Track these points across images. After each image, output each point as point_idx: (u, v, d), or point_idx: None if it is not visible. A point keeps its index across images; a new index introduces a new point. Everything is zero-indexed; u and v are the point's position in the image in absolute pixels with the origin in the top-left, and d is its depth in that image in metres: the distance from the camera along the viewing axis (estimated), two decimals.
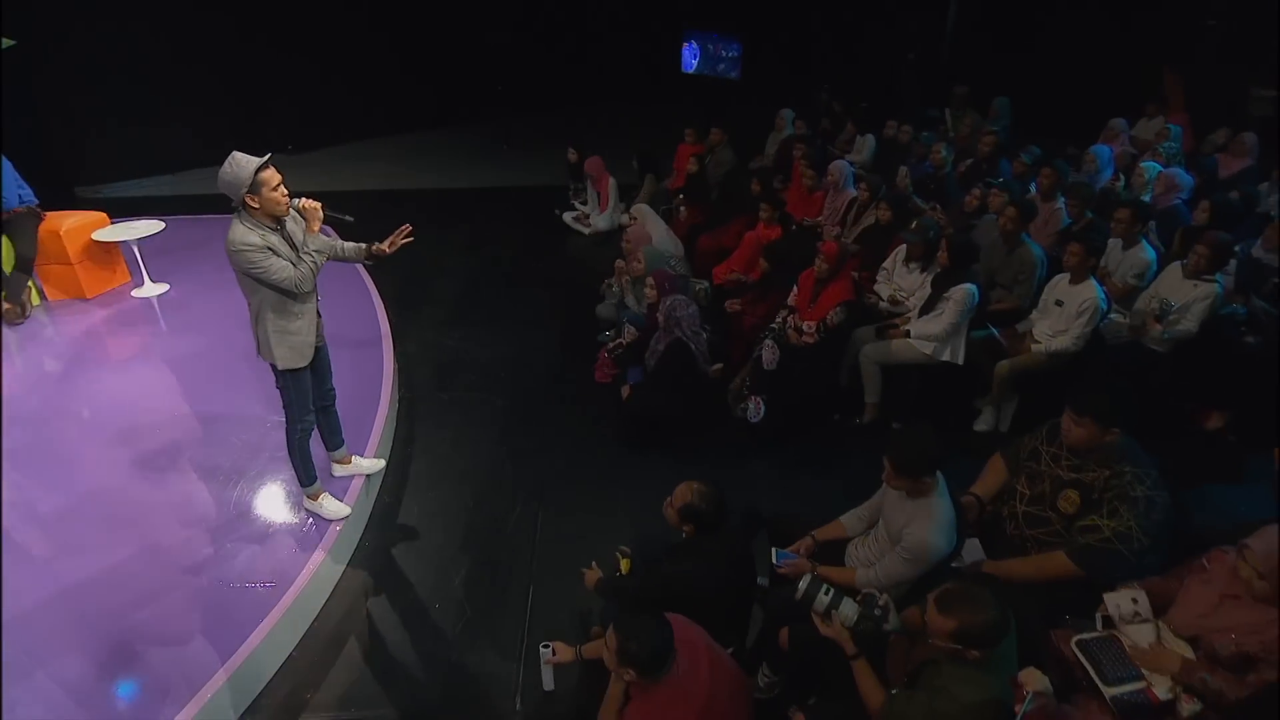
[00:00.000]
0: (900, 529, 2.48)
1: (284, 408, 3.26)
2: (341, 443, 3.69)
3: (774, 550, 2.78)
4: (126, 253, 5.93)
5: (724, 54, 9.20)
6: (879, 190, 5.30)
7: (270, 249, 2.86)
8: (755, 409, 4.19)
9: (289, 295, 2.97)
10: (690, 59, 9.37)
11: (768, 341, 4.25)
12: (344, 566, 3.44)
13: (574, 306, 5.77)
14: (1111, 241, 4.48)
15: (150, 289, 5.88)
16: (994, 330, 4.30)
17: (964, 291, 4.01)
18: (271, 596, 3.05)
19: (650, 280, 4.70)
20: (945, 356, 4.15)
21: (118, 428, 4.24)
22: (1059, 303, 4.07)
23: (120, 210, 7.87)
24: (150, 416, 4.33)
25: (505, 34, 10.85)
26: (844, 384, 4.50)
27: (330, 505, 3.47)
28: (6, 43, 7.53)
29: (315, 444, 3.45)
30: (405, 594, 3.34)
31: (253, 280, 2.90)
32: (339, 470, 3.71)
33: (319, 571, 3.24)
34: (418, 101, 11.27)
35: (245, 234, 2.82)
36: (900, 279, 4.64)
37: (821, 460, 4.19)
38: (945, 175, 5.84)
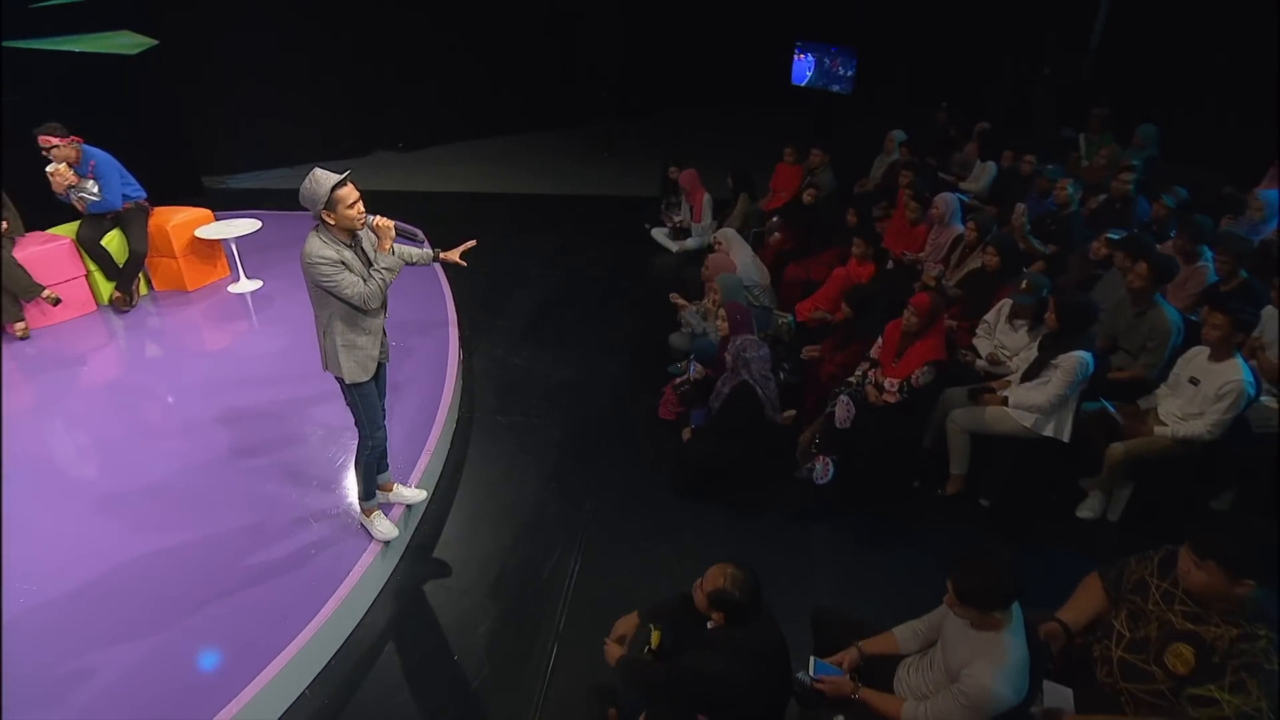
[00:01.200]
0: (960, 665, 2.10)
1: (355, 424, 3.28)
2: (386, 468, 3.62)
3: (813, 660, 2.44)
4: (226, 249, 6.17)
5: (841, 70, 8.68)
6: (989, 230, 4.77)
7: (344, 264, 2.90)
8: (823, 470, 3.82)
9: (358, 310, 2.99)
10: (803, 71, 8.91)
11: (843, 397, 3.86)
12: (373, 597, 3.37)
13: (649, 332, 5.53)
14: (1268, 311, 3.81)
15: (245, 285, 6.10)
16: (1110, 405, 3.74)
17: (1075, 360, 3.50)
18: (294, 625, 3.00)
19: (722, 313, 4.42)
20: (1048, 431, 3.64)
21: (199, 416, 4.45)
22: (1194, 380, 3.49)
23: (239, 201, 8.34)
24: (231, 408, 4.51)
25: (614, 39, 10.72)
26: (928, 448, 4.05)
27: (381, 525, 3.44)
28: (148, 43, 8.09)
29: None
30: (427, 638, 3.21)
31: (323, 293, 2.94)
32: (381, 496, 3.64)
33: (348, 599, 3.17)
34: (526, 104, 11.35)
35: (321, 247, 2.86)
36: (1003, 336, 4.13)
37: (893, 533, 3.78)
38: (1070, 215, 5.21)
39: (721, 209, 7.22)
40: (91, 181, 5.51)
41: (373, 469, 3.39)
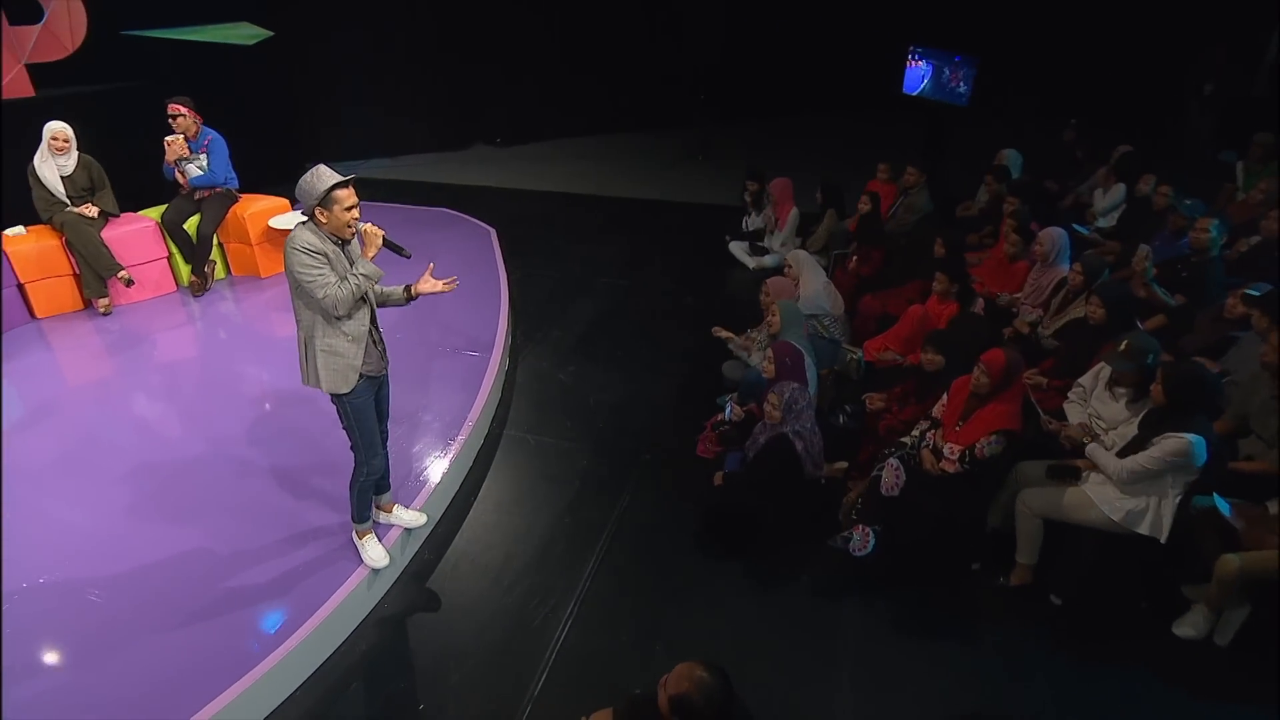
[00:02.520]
0: None
1: (351, 448, 3.12)
2: (387, 488, 3.47)
3: None
4: None
5: (959, 85, 7.91)
6: (1097, 274, 4.07)
7: (327, 258, 2.74)
8: (861, 541, 3.34)
9: (338, 314, 2.80)
10: (917, 79, 8.18)
11: (892, 460, 3.37)
12: (354, 626, 3.19)
13: (706, 356, 5.13)
14: None
15: None
16: (1227, 504, 3.06)
17: (1180, 444, 2.86)
18: (264, 648, 2.86)
19: (770, 353, 3.99)
20: (1142, 528, 3.02)
21: (243, 402, 4.52)
22: None
23: None
24: (279, 396, 4.58)
25: (715, 39, 10.35)
26: (994, 527, 3.48)
27: (372, 551, 3.25)
28: (264, 34, 8.45)
29: None
30: (396, 679, 2.99)
31: (304, 297, 2.79)
32: (380, 517, 3.48)
33: (325, 624, 3.01)
34: (623, 103, 11.16)
35: (308, 235, 2.73)
36: (1100, 404, 3.49)
37: (940, 622, 3.24)
38: (1208, 261, 4.40)
39: (812, 225, 6.73)
40: (203, 156, 5.74)
41: (368, 492, 3.23)
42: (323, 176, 2.71)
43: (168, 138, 5.56)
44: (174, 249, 5.84)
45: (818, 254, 6.48)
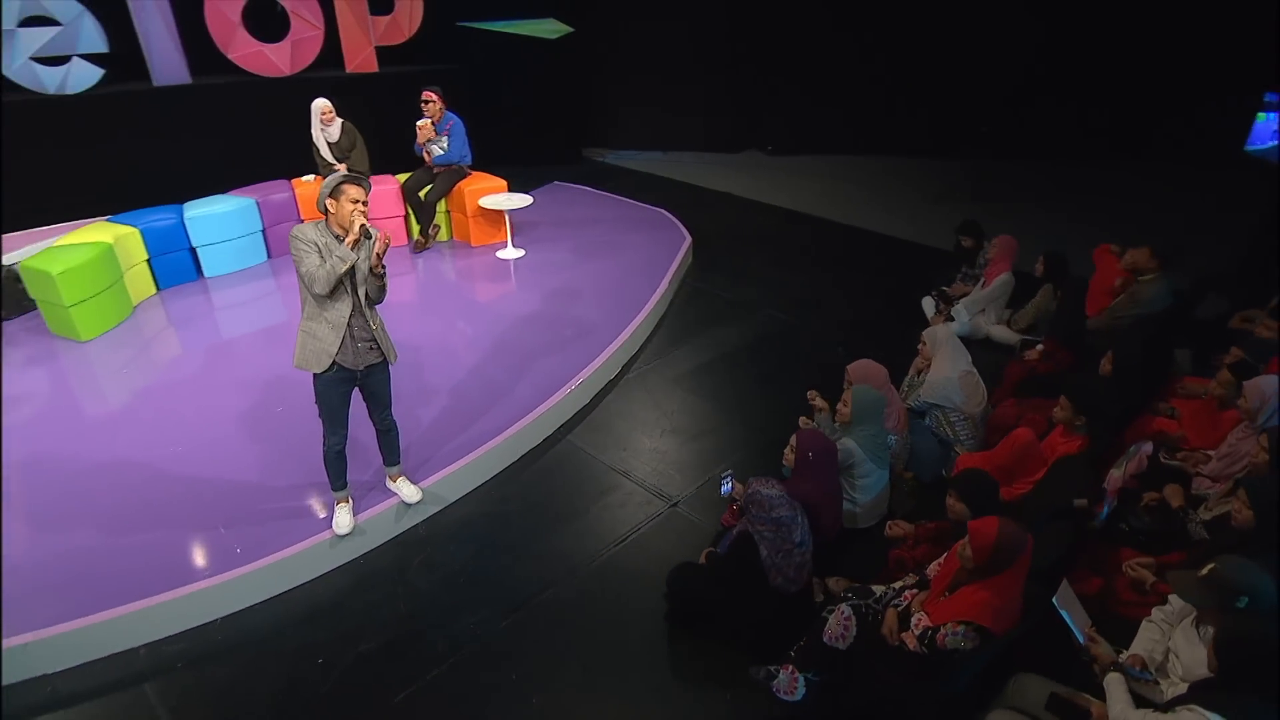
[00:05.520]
0: None
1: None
2: (396, 461, 3.82)
3: None
4: (508, 217, 6.98)
5: None
6: None
7: (318, 248, 3.09)
8: (788, 684, 2.83)
9: (314, 292, 3.11)
10: (1268, 134, 6.12)
11: (844, 608, 2.77)
12: (320, 573, 3.60)
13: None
14: None
15: (511, 252, 6.85)
16: None
17: None
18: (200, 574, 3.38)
19: (793, 440, 3.51)
20: None
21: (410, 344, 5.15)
22: None
23: (597, 175, 9.36)
24: (439, 348, 5.28)
25: (1013, 67, 8.86)
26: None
27: (339, 518, 3.61)
28: (566, 30, 9.40)
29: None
30: (336, 645, 3.25)
31: (299, 280, 3.15)
32: (388, 483, 3.86)
33: (287, 561, 3.48)
34: (900, 125, 10.19)
35: (308, 229, 3.12)
36: (1183, 641, 2.45)
37: None
38: None
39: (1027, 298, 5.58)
40: (444, 138, 6.74)
41: (335, 465, 3.53)
42: (337, 177, 3.10)
43: (419, 122, 6.55)
44: (409, 210, 6.92)
45: (1022, 333, 5.41)
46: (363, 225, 3.11)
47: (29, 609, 3.16)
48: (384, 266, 3.21)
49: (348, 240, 3.11)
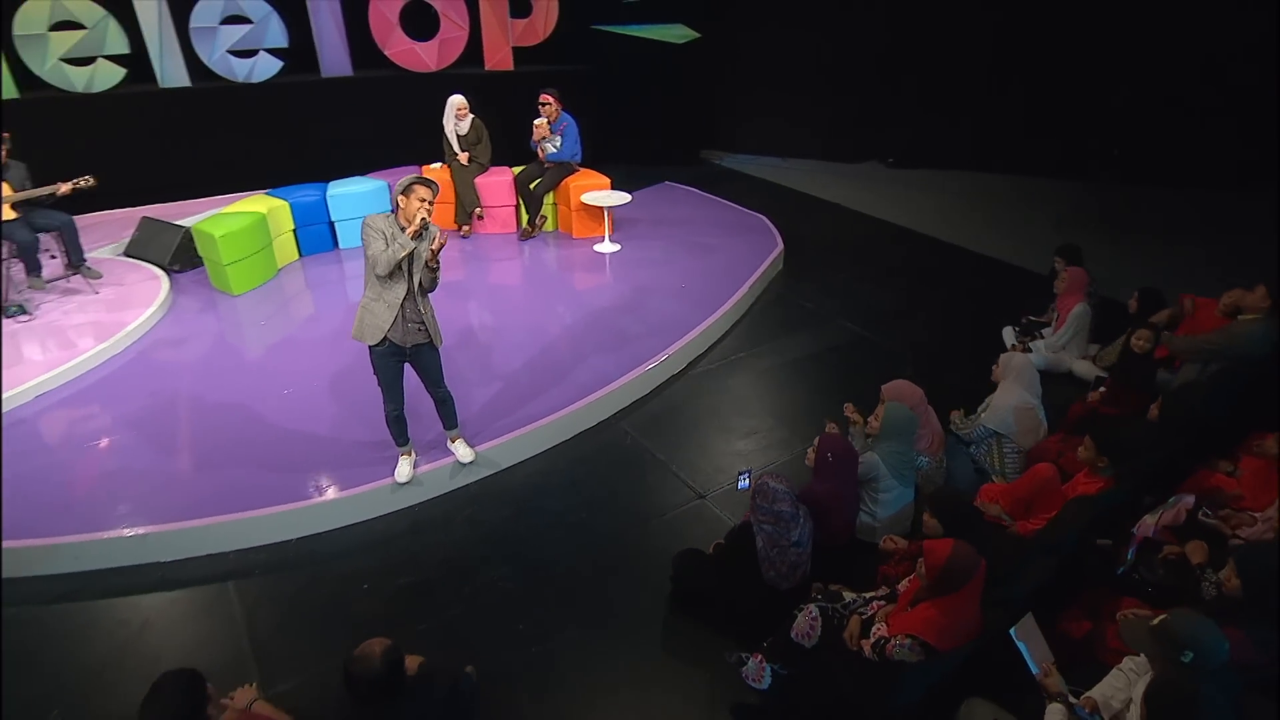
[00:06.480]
0: None
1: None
2: (454, 426, 4.29)
3: None
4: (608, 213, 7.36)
5: None
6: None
7: (384, 236, 3.53)
8: (756, 672, 3.01)
9: (376, 273, 3.55)
10: None
11: (812, 609, 2.92)
12: (377, 519, 4.13)
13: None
14: None
15: (607, 246, 7.25)
16: None
17: None
18: (317, 493, 4.04)
19: (816, 440, 3.65)
20: None
21: (490, 322, 5.93)
22: None
23: (710, 178, 9.60)
24: (525, 328, 5.76)
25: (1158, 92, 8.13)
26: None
27: (400, 468, 4.14)
28: (692, 35, 9.67)
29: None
30: (381, 575, 3.77)
31: (365, 262, 3.60)
32: (448, 444, 4.35)
33: (351, 499, 4.06)
34: (1028, 144, 9.62)
35: (379, 218, 3.57)
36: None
37: None
38: None
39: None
40: (558, 137, 7.25)
41: (392, 427, 4.04)
42: (411, 176, 3.56)
43: (535, 121, 7.07)
44: (520, 200, 7.48)
45: (1106, 370, 5.16)
46: (424, 219, 3.53)
47: (150, 506, 3.90)
48: (438, 261, 3.62)
49: (409, 230, 3.53)
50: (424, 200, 3.54)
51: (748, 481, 3.78)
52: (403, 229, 3.58)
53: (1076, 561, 3.10)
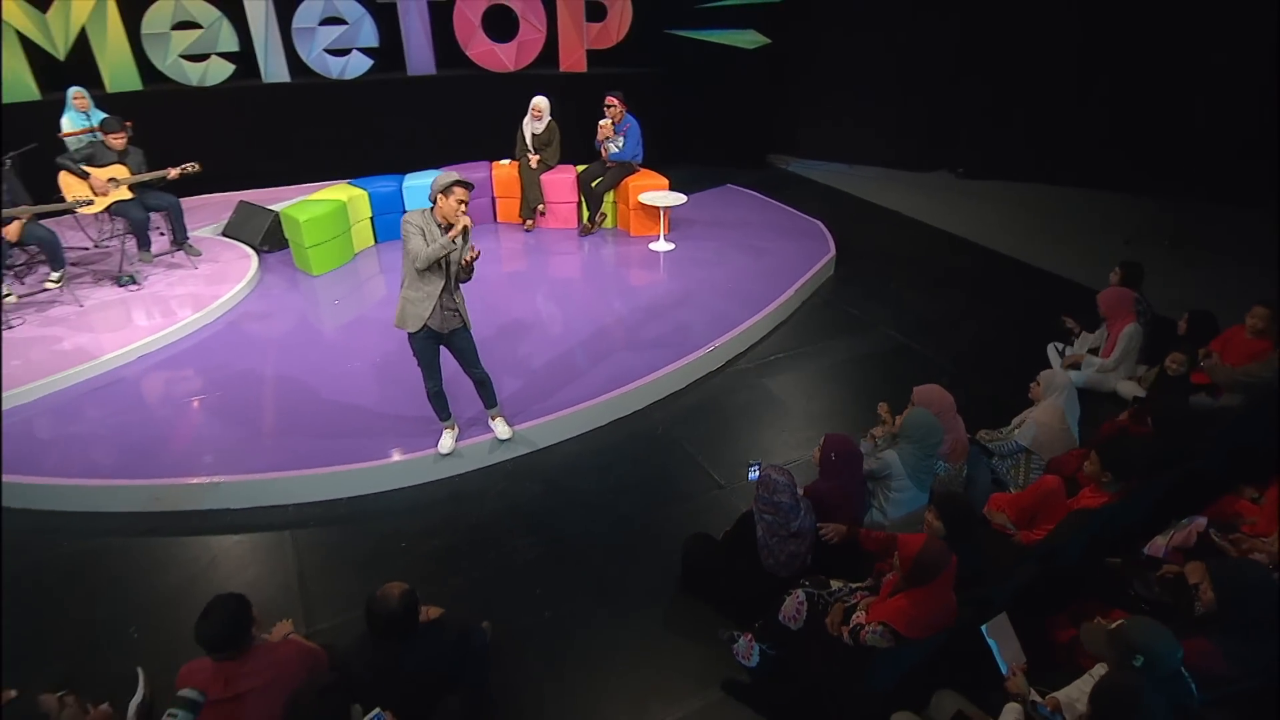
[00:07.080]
0: None
1: None
2: (494, 404, 4.62)
3: None
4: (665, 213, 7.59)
5: None
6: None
7: (423, 231, 3.83)
8: (745, 650, 3.21)
9: (415, 267, 3.84)
10: None
11: (799, 594, 3.09)
12: (420, 486, 4.50)
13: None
14: None
15: (661, 245, 7.48)
16: None
17: None
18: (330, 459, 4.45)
19: (822, 440, 3.80)
20: None
21: (543, 311, 6.27)
22: None
23: (770, 182, 9.71)
24: (576, 318, 6.12)
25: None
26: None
27: (443, 441, 4.50)
28: (763, 41, 9.77)
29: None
30: (418, 536, 4.15)
31: (404, 255, 3.91)
32: (489, 421, 4.69)
33: (376, 469, 4.44)
34: (1101, 158, 9.29)
35: (417, 214, 3.86)
36: None
37: None
38: None
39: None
40: (621, 138, 7.55)
41: (434, 403, 4.38)
42: (450, 174, 3.83)
43: (600, 122, 7.38)
44: (582, 197, 7.80)
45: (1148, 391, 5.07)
46: (465, 227, 3.82)
47: (227, 459, 4.40)
48: (473, 267, 3.95)
49: (450, 234, 3.81)
50: (462, 201, 3.80)
51: (757, 473, 3.97)
52: (438, 225, 3.86)
53: (1076, 575, 3.16)
